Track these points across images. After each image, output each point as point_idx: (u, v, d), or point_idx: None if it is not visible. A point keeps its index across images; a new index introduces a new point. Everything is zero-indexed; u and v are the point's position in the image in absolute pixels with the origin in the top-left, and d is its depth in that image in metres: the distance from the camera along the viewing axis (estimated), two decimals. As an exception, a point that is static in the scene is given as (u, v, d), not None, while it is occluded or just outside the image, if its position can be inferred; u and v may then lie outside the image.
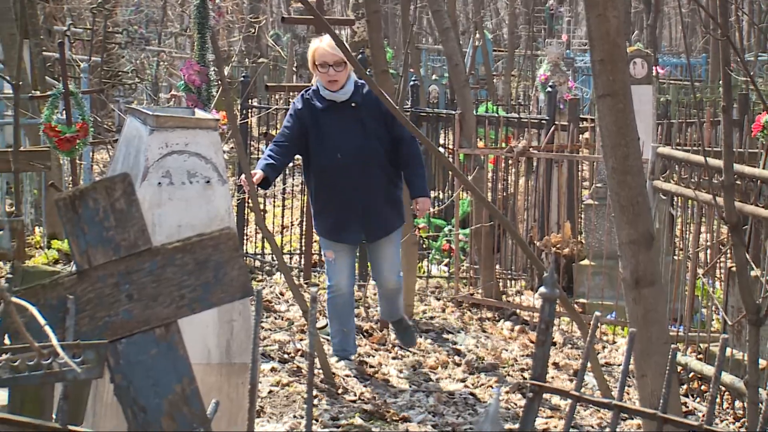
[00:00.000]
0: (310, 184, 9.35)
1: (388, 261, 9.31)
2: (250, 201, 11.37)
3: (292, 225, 14.75)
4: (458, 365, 9.99)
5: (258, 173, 8.68)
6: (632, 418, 8.58)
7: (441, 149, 14.12)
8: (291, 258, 13.52)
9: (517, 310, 11.90)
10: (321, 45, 8.93)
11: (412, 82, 15.99)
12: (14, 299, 3.15)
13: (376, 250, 9.36)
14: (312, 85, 9.28)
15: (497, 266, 12.66)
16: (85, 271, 3.46)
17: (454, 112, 13.99)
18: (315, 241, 13.26)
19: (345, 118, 8.97)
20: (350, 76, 8.99)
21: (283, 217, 14.65)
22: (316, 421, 8.31)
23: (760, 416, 3.96)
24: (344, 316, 9.38)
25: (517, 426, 3.89)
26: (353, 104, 9.01)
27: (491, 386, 9.53)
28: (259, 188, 8.99)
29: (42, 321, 3.08)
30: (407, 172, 9.18)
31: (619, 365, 10.06)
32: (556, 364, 10.26)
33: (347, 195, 8.98)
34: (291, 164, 15.49)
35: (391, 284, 9.36)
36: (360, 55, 14.72)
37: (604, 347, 10.94)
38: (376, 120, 8.98)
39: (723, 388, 8.95)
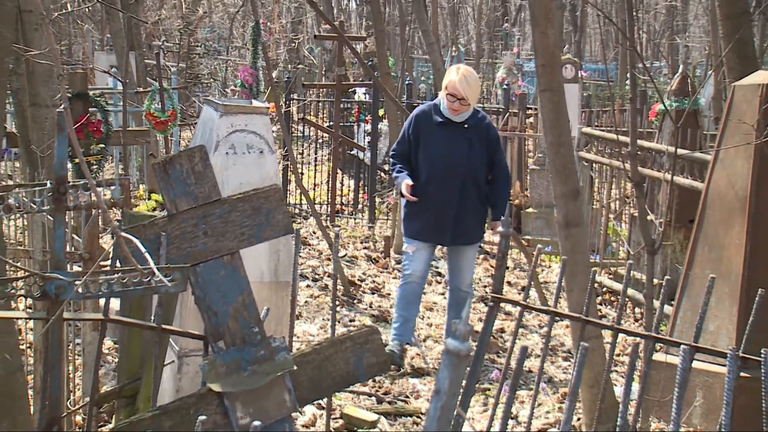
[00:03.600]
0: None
1: (468, 267, 7.69)
2: (291, 166, 11.31)
3: (322, 183, 14.72)
4: (439, 283, 9.99)
5: (407, 182, 7.40)
6: (563, 320, 8.59)
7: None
8: (321, 207, 13.49)
9: (481, 244, 11.89)
10: (455, 79, 7.37)
11: (407, 82, 15.87)
12: (123, 234, 3.13)
13: (457, 254, 7.69)
14: (436, 100, 7.68)
15: (468, 213, 12.65)
16: (173, 215, 3.44)
17: (437, 103, 13.98)
18: (338, 195, 13.26)
19: (456, 135, 7.46)
20: (471, 108, 7.54)
21: (315, 177, 14.63)
22: (338, 322, 8.33)
23: (654, 318, 3.95)
24: (410, 303, 7.66)
25: (481, 326, 3.88)
26: (466, 125, 7.47)
27: (463, 298, 9.54)
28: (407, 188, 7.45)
29: (143, 250, 3.06)
30: (494, 194, 7.62)
31: (553, 283, 10.08)
32: (509, 282, 10.27)
33: (442, 202, 7.43)
34: (319, 139, 15.51)
35: (465, 285, 7.67)
36: (370, 62, 14.64)
37: (543, 270, 10.94)
38: (481, 143, 7.49)
39: (627, 300, 8.96)
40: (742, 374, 3.99)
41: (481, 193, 7.58)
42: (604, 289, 9.76)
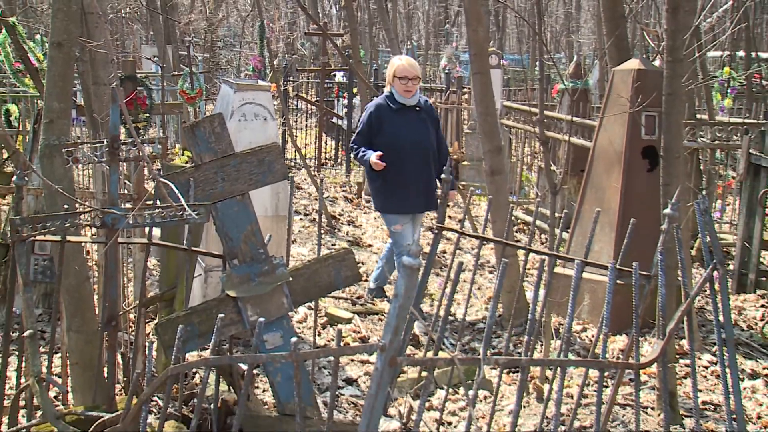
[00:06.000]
0: (380, 169, 6.52)
1: (418, 229, 6.85)
2: (288, 130, 11.20)
3: (311, 143, 14.60)
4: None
5: (376, 153, 6.45)
6: (489, 244, 8.61)
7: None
8: (310, 161, 13.39)
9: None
10: (402, 63, 6.63)
11: (374, 68, 15.69)
12: (162, 180, 3.09)
13: (416, 219, 6.81)
14: (386, 91, 6.71)
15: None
16: (199, 166, 3.39)
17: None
18: (323, 152, 13.16)
19: (413, 116, 6.61)
20: (417, 89, 6.67)
21: (305, 139, 14.51)
22: (323, 245, 8.30)
23: (555, 242, 3.96)
24: (394, 268, 6.99)
25: (429, 248, 3.88)
26: (417, 108, 6.62)
27: (415, 227, 9.53)
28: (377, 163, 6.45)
29: (177, 192, 3.02)
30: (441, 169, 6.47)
31: (482, 216, 10.08)
32: (449, 216, 10.26)
33: (414, 176, 6.59)
34: (309, 111, 15.36)
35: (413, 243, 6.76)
36: (346, 53, 14.47)
37: (474, 207, 10.94)
38: (431, 122, 6.68)
39: (536, 228, 8.99)
40: (618, 282, 4.02)
41: (436, 165, 6.73)
42: (519, 221, 9.78)
